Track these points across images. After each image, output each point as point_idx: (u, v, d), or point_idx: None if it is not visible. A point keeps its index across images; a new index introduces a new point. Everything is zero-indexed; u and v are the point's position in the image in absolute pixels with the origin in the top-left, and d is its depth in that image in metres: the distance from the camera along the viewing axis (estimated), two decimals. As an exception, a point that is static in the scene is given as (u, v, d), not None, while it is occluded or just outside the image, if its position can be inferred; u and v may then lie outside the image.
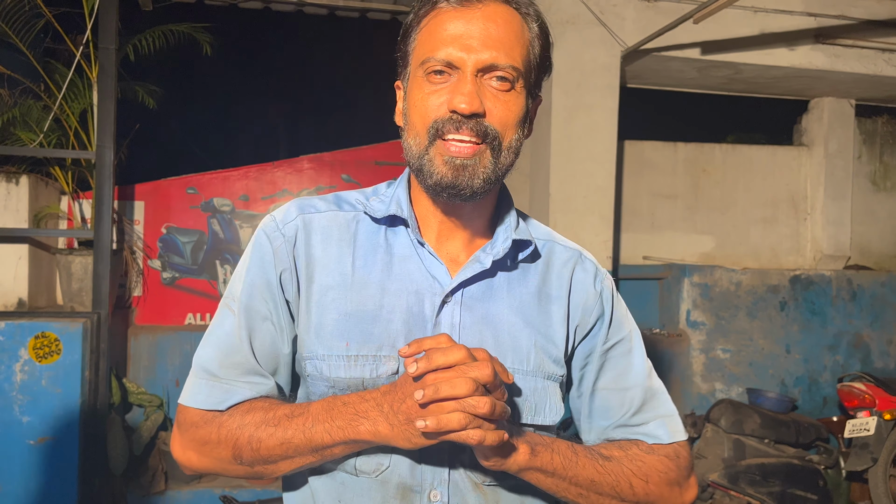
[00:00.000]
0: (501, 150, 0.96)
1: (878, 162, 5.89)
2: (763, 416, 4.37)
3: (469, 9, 0.94)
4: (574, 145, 4.30)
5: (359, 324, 0.99)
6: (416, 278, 1.02)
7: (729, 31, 4.43)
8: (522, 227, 1.08)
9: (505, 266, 1.05)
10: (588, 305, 1.10)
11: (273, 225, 1.05)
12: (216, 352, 1.02)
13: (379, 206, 1.05)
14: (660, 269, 5.24)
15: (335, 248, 1.03)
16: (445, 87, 0.94)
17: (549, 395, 1.04)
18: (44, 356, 3.52)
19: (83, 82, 4.13)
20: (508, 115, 0.96)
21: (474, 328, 1.01)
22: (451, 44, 0.93)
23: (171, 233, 4.77)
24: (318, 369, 0.99)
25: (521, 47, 0.96)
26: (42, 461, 3.50)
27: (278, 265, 1.02)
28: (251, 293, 1.03)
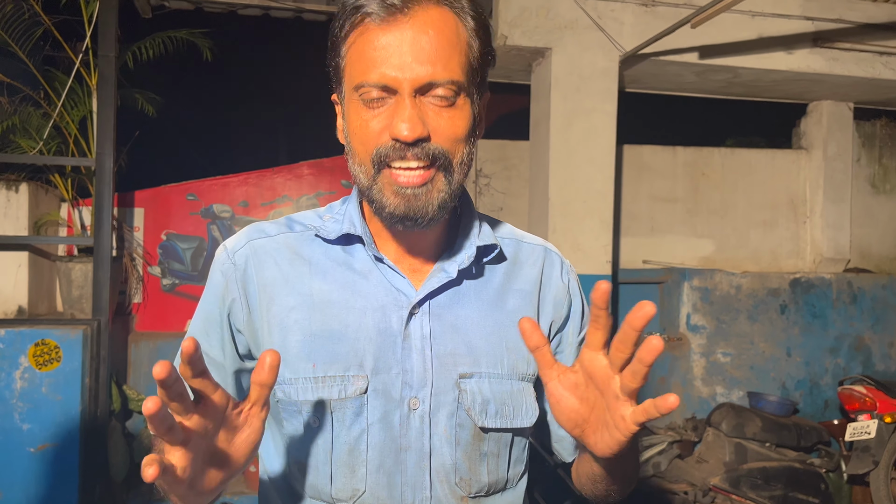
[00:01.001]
0: (453, 169, 0.91)
1: (878, 165, 5.90)
2: (764, 419, 4.37)
3: (397, 21, 0.86)
4: (573, 150, 4.30)
5: (325, 344, 0.96)
6: (379, 294, 0.98)
7: (727, 35, 4.44)
8: (485, 229, 1.05)
9: (470, 273, 1.02)
10: (558, 298, 1.08)
11: (224, 255, 1.02)
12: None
13: (333, 225, 1.02)
14: (660, 273, 5.24)
15: (290, 269, 1.00)
16: (384, 112, 0.88)
17: (524, 396, 1.02)
18: (44, 363, 3.52)
19: (83, 89, 4.14)
20: (455, 131, 0.90)
21: (445, 337, 0.98)
22: (382, 64, 0.86)
23: (170, 239, 4.78)
24: (286, 393, 0.96)
25: (459, 54, 0.89)
26: (43, 469, 3.49)
27: (227, 296, 1.00)
28: (197, 325, 1.03)
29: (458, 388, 0.98)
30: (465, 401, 0.98)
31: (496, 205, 5.16)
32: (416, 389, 0.97)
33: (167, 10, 4.85)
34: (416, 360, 0.97)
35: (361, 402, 0.95)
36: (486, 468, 1.01)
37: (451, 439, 0.98)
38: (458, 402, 0.98)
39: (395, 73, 0.86)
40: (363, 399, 0.95)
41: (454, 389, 0.98)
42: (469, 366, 0.99)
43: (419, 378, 0.97)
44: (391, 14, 0.86)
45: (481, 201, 5.14)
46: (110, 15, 3.85)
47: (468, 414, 0.98)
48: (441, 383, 0.97)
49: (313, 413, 0.96)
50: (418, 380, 0.97)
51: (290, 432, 1.00)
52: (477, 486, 1.00)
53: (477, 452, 1.00)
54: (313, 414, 0.96)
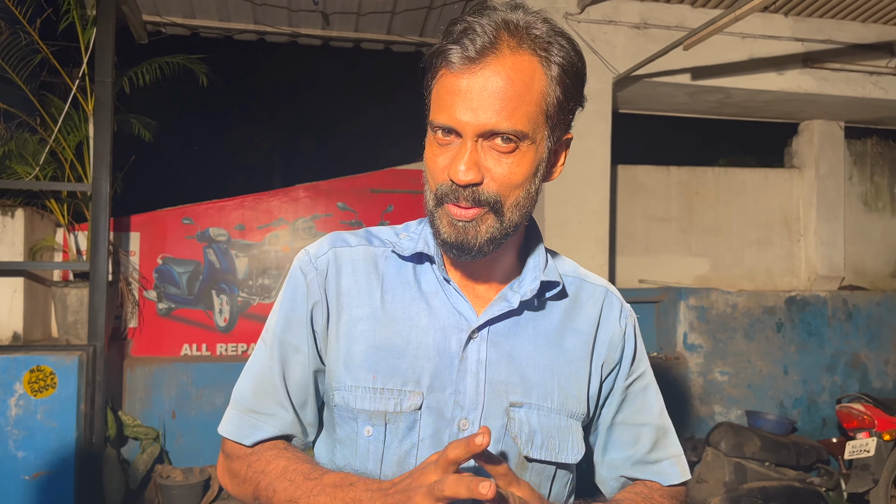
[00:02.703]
0: (504, 211, 0.96)
1: (870, 182, 5.95)
2: (763, 438, 4.35)
3: (473, 66, 0.90)
4: (568, 170, 4.31)
5: (386, 357, 1.00)
6: (443, 315, 1.03)
7: (719, 56, 4.49)
8: (551, 265, 1.08)
9: (532, 305, 1.06)
10: (614, 342, 1.11)
11: (307, 259, 1.08)
12: (250, 382, 1.07)
13: (408, 243, 1.07)
14: (656, 293, 5.25)
15: (364, 281, 1.05)
16: (449, 152, 0.94)
17: (571, 433, 1.05)
18: (39, 390, 3.49)
19: (79, 115, 4.16)
20: (510, 178, 0.94)
21: (500, 364, 1.02)
22: (451, 108, 0.92)
23: (166, 263, 4.77)
24: (345, 400, 1.01)
25: (528, 103, 0.92)
26: (38, 496, 3.45)
27: (310, 298, 1.05)
28: (284, 326, 1.07)
29: (507, 416, 1.01)
30: (513, 428, 1.00)
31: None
32: (468, 411, 1.00)
33: (163, 36, 4.88)
34: (469, 383, 1.00)
35: (415, 417, 0.99)
36: None
37: None
38: (505, 429, 1.01)
39: (460, 117, 0.91)
40: (417, 415, 0.99)
41: (503, 416, 1.01)
42: (520, 395, 1.02)
43: (471, 400, 1.00)
44: (466, 62, 0.90)
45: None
46: (107, 41, 3.87)
47: (514, 441, 1.00)
48: (492, 408, 1.00)
49: (369, 422, 1.00)
50: (470, 402, 1.00)
51: (342, 438, 1.04)
52: None
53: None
54: (368, 423, 1.00)
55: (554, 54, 0.94)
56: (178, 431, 4.42)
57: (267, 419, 1.05)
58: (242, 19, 4.85)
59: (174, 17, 4.75)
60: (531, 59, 0.92)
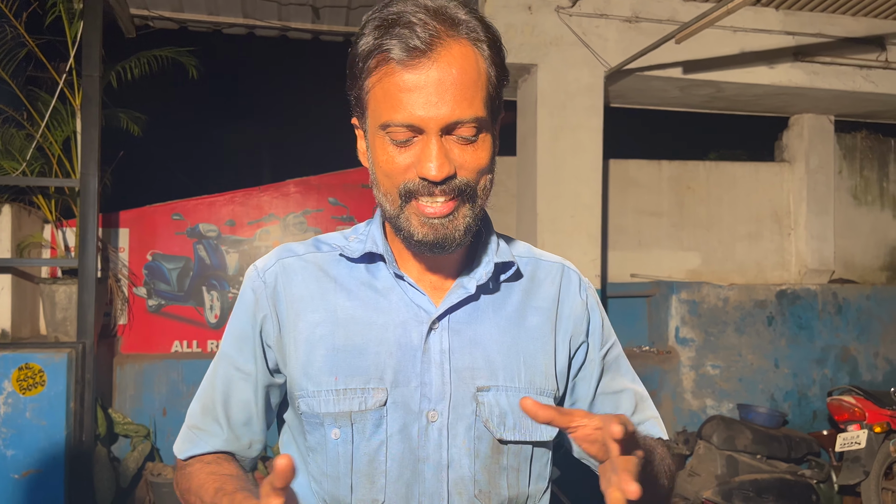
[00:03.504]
0: (477, 197, 0.96)
1: (859, 176, 5.97)
2: (755, 431, 4.37)
3: (421, 60, 0.88)
4: (560, 165, 4.32)
5: (347, 358, 1.00)
6: (400, 310, 1.02)
7: (710, 50, 4.49)
8: (503, 248, 1.08)
9: (488, 289, 1.05)
10: (577, 315, 1.11)
11: (255, 274, 1.08)
12: (199, 399, 1.10)
13: (356, 245, 1.06)
14: (647, 287, 5.25)
15: (316, 286, 1.04)
16: (411, 151, 0.92)
17: None
18: (28, 388, 3.46)
19: (66, 110, 4.11)
20: (479, 164, 0.93)
21: (463, 352, 1.01)
22: (409, 105, 0.89)
23: (156, 259, 4.73)
24: (310, 406, 1.00)
25: (481, 88, 0.92)
26: (27, 495, 3.42)
27: (258, 312, 1.05)
28: (231, 343, 1.07)
29: (475, 401, 1.00)
30: (483, 413, 1.00)
31: (484, 221, 5.16)
32: (435, 402, 0.99)
33: (151, 30, 4.84)
34: (434, 374, 1.00)
35: (381, 413, 0.99)
36: (505, 482, 1.02)
37: (469, 451, 1.00)
38: (475, 414, 1.00)
39: (422, 113, 0.88)
40: (382, 411, 0.99)
41: (472, 402, 1.00)
42: (486, 379, 1.01)
43: (438, 391, 1.00)
44: (415, 56, 0.88)
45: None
46: (94, 35, 3.83)
47: (486, 426, 1.00)
48: (459, 396, 1.00)
49: (335, 424, 0.99)
50: (437, 393, 0.99)
51: (311, 444, 1.03)
52: (497, 500, 1.02)
53: (496, 465, 1.02)
54: (335, 425, 0.99)
55: (481, 35, 0.93)
56: (169, 429, 4.39)
57: (203, 435, 1.07)
58: (231, 13, 4.81)
59: (162, 11, 4.71)
60: (468, 45, 0.91)
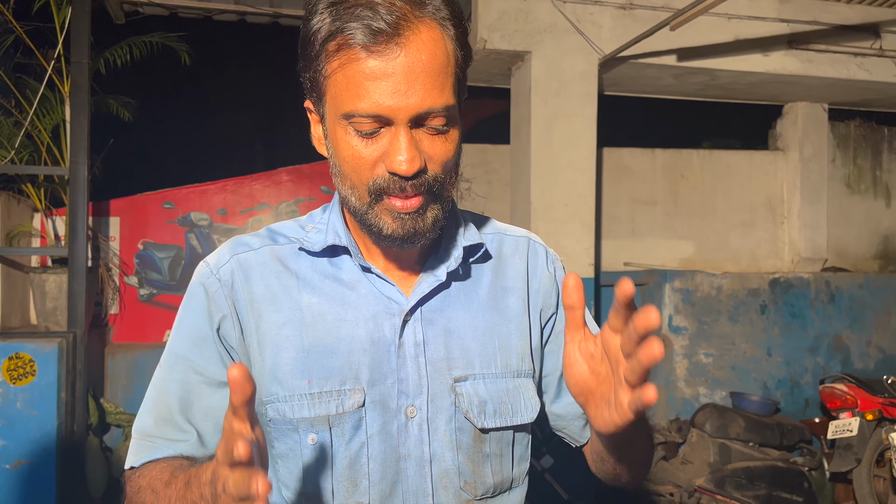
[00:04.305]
0: (444, 191, 0.91)
1: (853, 165, 5.97)
2: (747, 419, 4.39)
3: (388, 45, 0.80)
4: (554, 153, 4.30)
5: (318, 359, 0.94)
6: (370, 303, 0.97)
7: (704, 38, 4.47)
8: (471, 229, 1.04)
9: (458, 274, 1.02)
10: (546, 288, 1.08)
11: (207, 271, 0.99)
12: (149, 409, 1.00)
13: (316, 236, 1.00)
14: (641, 276, 5.25)
15: (277, 283, 0.98)
16: (378, 143, 0.85)
17: (521, 393, 1.02)
18: (18, 378, 3.43)
19: (55, 97, 4.06)
20: (448, 156, 0.89)
21: (437, 342, 0.98)
22: (375, 94, 0.81)
23: (147, 248, 4.70)
24: (281, 412, 0.94)
25: (450, 73, 0.86)
26: (19, 486, 3.40)
27: (216, 313, 0.97)
28: (187, 346, 0.98)
29: (453, 393, 0.98)
30: (463, 404, 0.98)
31: (477, 209, 5.14)
32: (413, 397, 0.96)
33: (141, 16, 4.77)
34: (410, 368, 0.96)
35: (360, 415, 0.95)
36: (489, 469, 1.01)
37: (452, 444, 0.98)
38: (455, 405, 0.98)
39: (391, 102, 0.82)
40: (361, 412, 0.95)
41: (450, 394, 0.98)
42: (462, 368, 0.99)
43: (415, 386, 0.96)
44: (381, 41, 0.80)
45: (462, 206, 5.11)
46: (83, 21, 3.77)
47: (467, 417, 0.98)
48: (436, 389, 0.97)
49: (311, 430, 0.94)
50: (414, 388, 0.96)
51: (282, 452, 0.97)
52: (483, 488, 1.00)
53: (479, 454, 1.00)
54: (311, 430, 0.94)
55: (446, 13, 0.86)
56: (162, 418, 4.37)
57: (161, 442, 0.97)
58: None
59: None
60: (435, 26, 0.84)
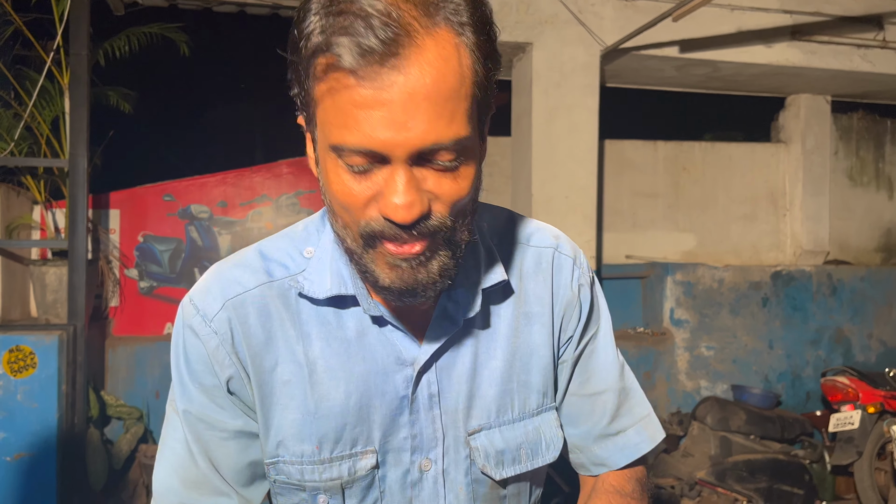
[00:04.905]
0: (457, 234, 0.75)
1: (855, 157, 5.95)
2: (748, 412, 4.38)
3: (381, 67, 0.64)
4: (555, 146, 4.28)
5: (327, 421, 0.86)
6: (379, 355, 0.87)
7: (707, 29, 4.44)
8: (491, 262, 0.90)
9: (474, 320, 0.90)
10: (567, 312, 0.97)
11: (199, 320, 0.85)
12: (172, 470, 0.90)
13: (317, 274, 0.85)
14: (642, 268, 5.24)
15: (279, 330, 0.86)
16: (372, 180, 0.70)
17: (541, 432, 0.95)
18: (19, 370, 3.43)
19: (55, 88, 4.04)
20: (460, 195, 0.72)
21: (452, 391, 0.89)
22: (366, 126, 0.65)
23: (147, 241, 4.69)
24: (286, 473, 0.87)
25: (465, 96, 0.68)
26: (19, 478, 3.40)
27: (221, 372, 0.85)
28: (197, 399, 0.87)
29: (468, 446, 0.91)
30: (479, 458, 0.91)
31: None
32: (427, 450, 0.90)
33: (140, 7, 4.74)
34: (424, 422, 0.89)
35: (372, 475, 0.89)
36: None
37: (468, 496, 0.93)
38: (470, 459, 0.92)
39: (385, 136, 0.66)
40: (374, 473, 0.89)
41: (465, 447, 0.91)
42: (477, 419, 0.91)
43: (429, 439, 0.90)
44: (373, 61, 0.64)
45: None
46: (82, 12, 3.75)
47: (483, 471, 0.92)
48: (451, 440, 0.91)
49: (321, 492, 0.88)
50: (428, 441, 0.90)
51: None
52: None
53: (496, 499, 0.96)
54: (321, 493, 0.88)
55: (465, 18, 0.68)
56: (162, 411, 4.35)
57: None
58: (222, -10, 4.72)
59: (151, -12, 4.62)
60: (448, 37, 0.67)
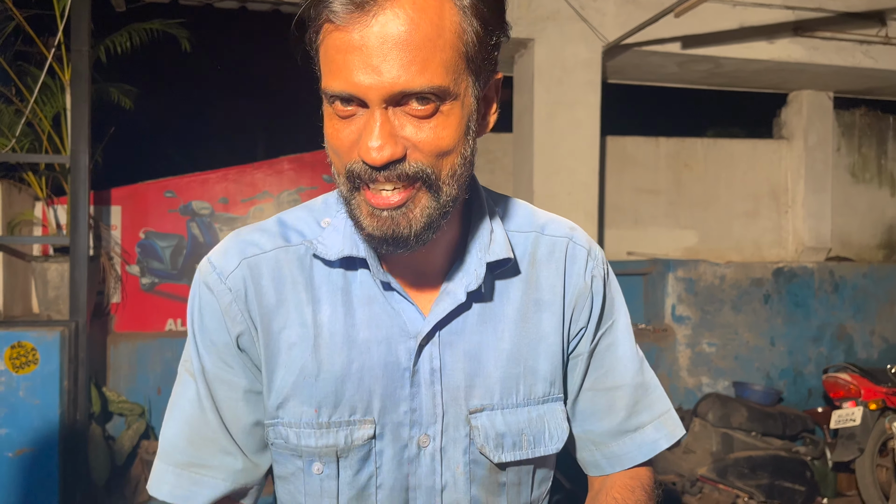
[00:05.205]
0: (440, 185, 0.78)
1: (857, 154, 5.94)
2: (750, 409, 4.38)
3: (363, 13, 0.70)
4: (557, 142, 4.28)
5: (328, 385, 0.87)
6: (384, 323, 0.88)
7: (709, 25, 4.43)
8: (498, 237, 0.91)
9: (480, 292, 0.90)
10: (580, 302, 0.96)
11: (215, 277, 0.89)
12: (181, 428, 0.92)
13: (332, 240, 0.88)
14: (644, 265, 5.24)
15: (291, 294, 0.88)
16: (354, 125, 0.76)
17: (545, 421, 0.94)
18: (21, 366, 3.43)
19: (56, 85, 4.04)
20: (438, 144, 0.75)
21: (456, 367, 0.89)
22: (345, 70, 0.72)
23: (149, 237, 4.69)
24: (284, 437, 0.89)
25: (442, 49, 0.72)
26: (22, 474, 3.41)
27: (233, 328, 0.88)
28: (209, 358, 0.90)
29: (468, 425, 0.91)
30: (478, 438, 0.91)
31: (480, 198, 5.12)
32: (426, 426, 0.90)
33: (141, 3, 4.74)
34: (425, 396, 0.89)
35: (369, 446, 0.89)
36: (505, 499, 0.95)
37: (465, 476, 0.92)
38: (469, 437, 0.91)
39: (358, 80, 0.72)
40: (371, 444, 0.89)
41: (465, 425, 0.91)
42: (480, 398, 0.91)
43: (429, 414, 0.90)
44: (354, 8, 0.71)
45: (465, 195, 5.10)
46: (83, 8, 3.75)
47: (482, 452, 0.91)
48: (451, 418, 0.90)
49: (317, 459, 0.89)
50: (428, 416, 0.90)
51: (283, 474, 0.94)
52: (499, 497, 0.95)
53: (495, 484, 0.94)
54: (317, 460, 0.89)
55: None
56: (164, 407, 4.36)
57: (212, 472, 0.90)
58: (223, -14, 4.72)
59: (152, -16, 4.62)
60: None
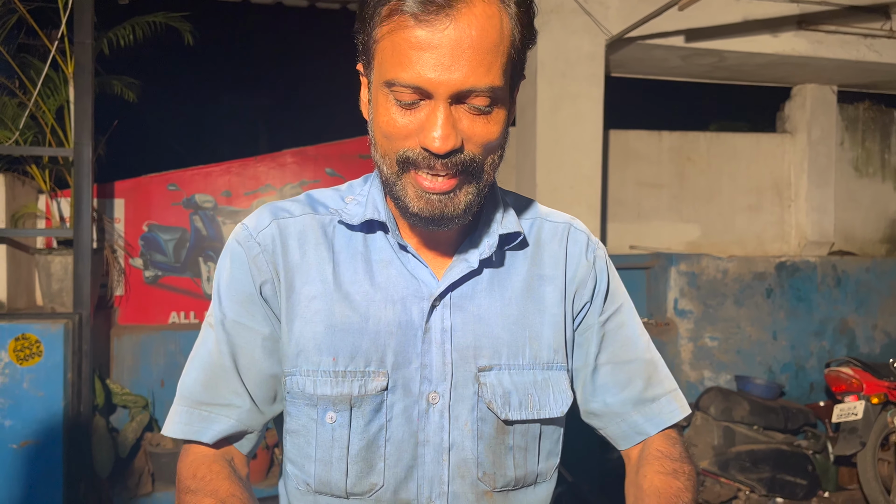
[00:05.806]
0: (483, 174, 0.88)
1: (861, 148, 5.93)
2: (752, 402, 4.38)
3: (438, 16, 0.78)
4: (560, 135, 4.27)
5: (346, 337, 0.94)
6: (400, 284, 0.96)
7: (713, 18, 4.42)
8: (509, 215, 1.01)
9: (491, 261, 0.99)
10: (582, 278, 1.05)
11: (246, 233, 0.98)
12: (198, 373, 0.99)
13: (355, 209, 0.98)
14: (646, 259, 5.23)
15: (313, 253, 0.97)
16: (415, 115, 0.83)
17: (550, 386, 1.00)
18: (25, 358, 3.45)
19: (59, 78, 4.04)
20: (489, 137, 0.85)
21: (466, 329, 0.96)
22: (418, 64, 0.79)
23: (152, 230, 4.70)
24: (301, 386, 0.94)
25: (502, 53, 0.82)
26: (26, 465, 3.42)
27: (257, 277, 0.96)
28: (231, 307, 0.97)
29: (477, 382, 0.96)
30: (486, 394, 0.96)
31: (482, 192, 5.12)
32: (436, 384, 0.95)
33: (145, -4, 4.75)
34: (435, 354, 0.95)
35: (381, 398, 0.94)
36: (511, 462, 0.99)
37: (473, 433, 0.97)
38: (478, 395, 0.96)
39: (432, 75, 0.79)
40: (383, 395, 0.94)
41: (474, 383, 0.96)
42: (488, 358, 0.97)
43: (438, 372, 0.95)
44: (431, 11, 0.78)
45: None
46: (86, 1, 3.74)
47: (489, 408, 0.96)
48: (460, 377, 0.96)
49: (331, 408, 0.94)
50: (438, 374, 0.95)
51: (294, 428, 0.98)
52: (503, 481, 0.98)
53: (502, 446, 0.98)
54: (331, 409, 0.94)
55: None
56: (167, 400, 4.39)
57: (221, 410, 0.96)
58: (226, -21, 4.72)
59: (155, -23, 4.62)
60: (493, 2, 0.81)
